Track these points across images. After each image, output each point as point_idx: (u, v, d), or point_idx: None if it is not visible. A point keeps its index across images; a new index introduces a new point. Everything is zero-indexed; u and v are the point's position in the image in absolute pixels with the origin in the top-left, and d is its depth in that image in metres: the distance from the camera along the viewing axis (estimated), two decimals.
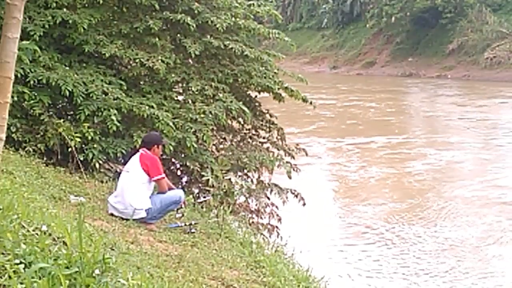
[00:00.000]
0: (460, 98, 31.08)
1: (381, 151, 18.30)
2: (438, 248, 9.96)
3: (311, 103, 9.71)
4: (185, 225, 5.95)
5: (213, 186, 6.81)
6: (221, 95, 8.24)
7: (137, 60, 7.82)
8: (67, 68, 7.44)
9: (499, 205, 12.48)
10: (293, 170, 9.13)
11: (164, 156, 7.82)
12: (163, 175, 6.00)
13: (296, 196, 9.18)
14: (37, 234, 2.73)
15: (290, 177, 9.00)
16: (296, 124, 21.39)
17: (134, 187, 5.80)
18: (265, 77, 8.99)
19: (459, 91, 33.89)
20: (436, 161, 16.79)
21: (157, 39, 8.17)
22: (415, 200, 12.79)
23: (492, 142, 19.75)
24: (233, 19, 8.78)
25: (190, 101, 8.28)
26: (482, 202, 12.77)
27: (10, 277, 2.16)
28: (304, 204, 9.21)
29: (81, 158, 7.06)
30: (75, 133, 6.86)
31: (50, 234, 2.79)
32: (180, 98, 8.54)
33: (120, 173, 6.35)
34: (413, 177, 14.92)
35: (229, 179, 7.19)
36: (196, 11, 8.49)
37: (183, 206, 6.20)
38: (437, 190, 13.73)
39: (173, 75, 8.25)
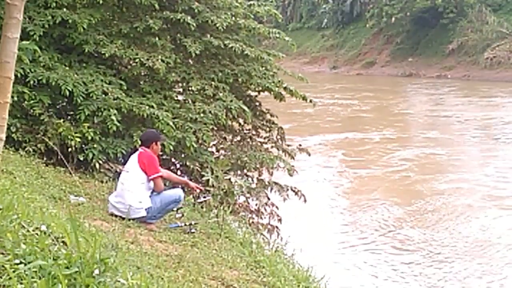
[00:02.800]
0: (441, 96, 31.55)
1: (362, 147, 18.74)
2: (438, 246, 9.96)
3: (311, 101, 9.75)
4: (185, 225, 5.95)
5: (213, 186, 6.80)
6: (221, 94, 8.24)
7: (137, 60, 7.81)
8: (67, 68, 7.44)
9: (488, 197, 12.86)
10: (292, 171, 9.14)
11: (164, 156, 7.82)
12: (160, 173, 5.96)
13: (297, 193, 9.19)
14: (37, 234, 2.73)
15: (291, 175, 9.02)
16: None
17: (134, 186, 5.79)
18: (265, 77, 8.99)
19: (441, 90, 34.20)
20: (415, 156, 17.27)
21: (157, 38, 8.17)
22: (410, 198, 12.91)
23: (464, 137, 20.55)
24: (233, 18, 8.78)
25: (190, 101, 8.28)
26: (473, 194, 13.12)
27: (10, 277, 2.16)
28: (305, 201, 9.21)
29: (81, 158, 7.05)
30: (75, 133, 6.85)
31: (50, 234, 2.78)
32: (180, 97, 8.54)
33: (120, 173, 6.34)
34: (400, 174, 15.15)
35: (229, 179, 7.19)
36: (196, 11, 8.49)
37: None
38: (429, 181, 14.09)
39: (173, 74, 8.25)
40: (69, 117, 7.61)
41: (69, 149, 6.84)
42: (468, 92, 32.23)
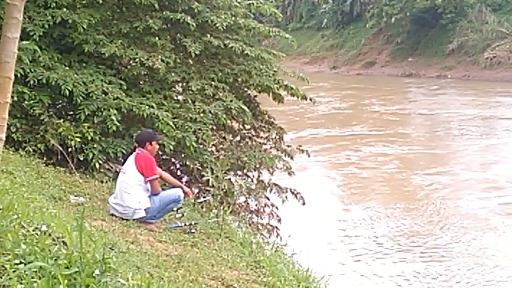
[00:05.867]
0: (432, 95, 31.90)
1: (339, 143, 19.11)
2: (435, 245, 9.96)
3: (311, 99, 9.75)
4: (185, 225, 5.95)
5: (213, 186, 6.80)
6: (221, 94, 8.24)
7: (137, 60, 7.81)
8: (67, 68, 7.43)
9: (486, 189, 13.24)
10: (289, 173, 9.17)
11: (164, 156, 7.82)
12: (157, 175, 5.96)
13: (296, 195, 9.18)
14: (37, 234, 2.73)
15: (290, 174, 9.03)
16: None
17: (131, 188, 5.78)
18: (265, 76, 8.98)
19: (430, 89, 34.41)
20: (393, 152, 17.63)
21: (157, 38, 8.17)
22: (403, 196, 13.05)
23: (435, 134, 21.06)
24: (233, 18, 8.78)
25: (190, 101, 8.27)
26: (465, 189, 13.49)
27: (10, 277, 2.16)
28: (304, 203, 9.21)
29: (81, 158, 7.05)
30: (75, 133, 6.85)
31: (50, 234, 2.79)
32: (180, 97, 8.53)
33: (119, 173, 6.34)
34: (386, 171, 15.36)
35: (229, 179, 7.19)
36: (196, 11, 8.49)
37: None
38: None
39: (173, 74, 8.25)
40: (69, 117, 7.62)
41: (69, 149, 6.84)
42: (459, 91, 32.81)
